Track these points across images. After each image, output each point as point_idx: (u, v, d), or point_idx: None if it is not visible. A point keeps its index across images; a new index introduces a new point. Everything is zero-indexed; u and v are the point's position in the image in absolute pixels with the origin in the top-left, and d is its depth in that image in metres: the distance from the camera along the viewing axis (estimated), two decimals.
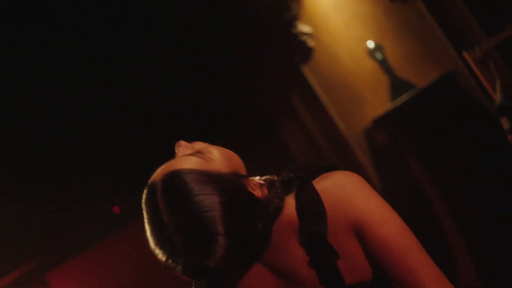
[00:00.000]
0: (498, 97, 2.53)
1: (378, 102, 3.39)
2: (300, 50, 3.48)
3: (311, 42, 3.48)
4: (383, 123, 3.23)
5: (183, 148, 1.08)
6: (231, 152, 1.10)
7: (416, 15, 3.38)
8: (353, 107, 3.43)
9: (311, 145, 3.52)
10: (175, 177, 1.00)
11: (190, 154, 1.05)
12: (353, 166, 3.27)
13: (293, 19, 3.48)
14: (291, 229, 1.02)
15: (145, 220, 1.02)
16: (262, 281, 1.05)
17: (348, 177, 1.04)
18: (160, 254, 1.00)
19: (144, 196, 1.04)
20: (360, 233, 1.00)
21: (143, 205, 1.03)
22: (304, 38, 3.48)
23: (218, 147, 1.10)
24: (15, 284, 3.56)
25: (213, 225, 0.96)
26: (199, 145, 1.10)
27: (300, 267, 1.01)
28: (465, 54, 2.64)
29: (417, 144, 3.18)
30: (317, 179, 1.05)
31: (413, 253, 1.00)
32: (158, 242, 1.00)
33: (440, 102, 3.24)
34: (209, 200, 0.97)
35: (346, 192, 1.02)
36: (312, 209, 0.99)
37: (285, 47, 3.48)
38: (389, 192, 3.16)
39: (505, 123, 2.49)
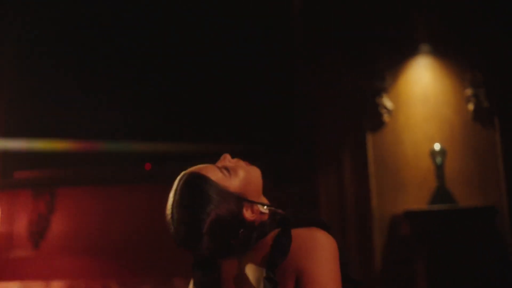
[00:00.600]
0: None
1: (416, 199, 3.52)
2: (374, 119, 3.65)
3: (386, 118, 3.65)
4: (413, 218, 3.35)
5: (223, 160, 1.37)
6: (255, 178, 1.37)
7: (489, 139, 3.52)
8: (393, 192, 3.55)
9: (339, 205, 3.65)
10: (197, 178, 1.31)
11: (221, 167, 1.34)
12: (363, 237, 3.39)
13: (382, 90, 3.66)
14: (263, 250, 1.28)
15: (171, 193, 1.33)
16: (228, 270, 1.34)
17: (321, 238, 1.27)
18: (167, 218, 1.32)
19: (178, 177, 1.34)
20: (299, 280, 1.23)
21: (174, 183, 1.33)
22: (383, 110, 3.65)
23: (248, 170, 1.36)
24: (31, 180, 3.76)
25: (202, 225, 1.28)
26: (235, 162, 1.37)
27: (250, 276, 1.29)
28: None
29: (429, 252, 3.27)
30: (302, 228, 1.29)
31: None
32: (169, 213, 1.32)
33: (469, 228, 3.34)
34: (208, 207, 1.29)
35: (311, 247, 1.25)
36: (281, 246, 1.25)
37: (362, 110, 3.65)
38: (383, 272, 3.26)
39: None
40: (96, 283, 3.66)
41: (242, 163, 1.38)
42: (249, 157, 1.45)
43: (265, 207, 1.35)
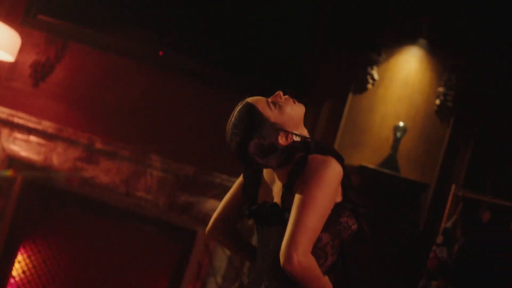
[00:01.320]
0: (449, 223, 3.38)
1: (370, 160, 4.20)
2: (359, 84, 4.26)
3: (369, 86, 4.27)
4: (364, 172, 4.04)
5: (275, 96, 1.82)
6: (296, 114, 1.82)
7: (441, 132, 4.22)
8: (353, 148, 4.21)
9: None
10: (249, 106, 1.77)
11: (271, 102, 1.79)
12: None
13: (374, 62, 4.26)
14: (290, 166, 1.76)
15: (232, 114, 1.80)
16: (268, 176, 1.86)
17: (331, 164, 1.70)
18: (226, 132, 1.80)
19: (239, 103, 1.81)
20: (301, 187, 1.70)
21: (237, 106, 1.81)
22: (369, 80, 4.27)
23: (293, 107, 1.81)
24: (51, 25, 4.06)
25: (247, 145, 1.75)
26: (284, 99, 1.82)
27: (278, 179, 1.80)
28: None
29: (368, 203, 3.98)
30: (321, 154, 1.76)
31: (301, 221, 1.63)
32: (227, 130, 1.79)
33: (402, 195, 4.09)
34: (252, 133, 1.75)
35: (320, 168, 1.69)
36: (298, 165, 1.74)
37: (353, 74, 4.25)
38: None
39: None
40: (82, 134, 4.08)
41: (290, 101, 1.83)
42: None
43: (297, 136, 1.80)
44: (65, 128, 4.06)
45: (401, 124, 4.17)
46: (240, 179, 1.96)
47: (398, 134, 4.16)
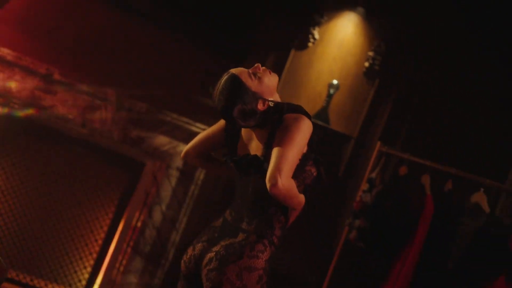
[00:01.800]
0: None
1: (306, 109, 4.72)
2: (301, 41, 4.73)
3: (310, 45, 4.76)
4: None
5: (255, 68, 2.18)
6: (272, 83, 2.19)
7: (362, 93, 4.82)
8: (291, 99, 4.71)
9: None
10: (234, 77, 2.14)
11: (252, 73, 2.16)
12: None
13: (317, 23, 4.73)
14: (269, 126, 2.18)
15: (219, 82, 2.18)
16: (246, 134, 2.28)
17: (303, 120, 2.11)
18: (214, 96, 2.19)
19: (225, 73, 2.18)
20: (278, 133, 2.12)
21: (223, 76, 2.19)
22: (310, 39, 4.74)
23: (269, 78, 2.19)
24: None
25: (232, 110, 2.15)
26: (262, 70, 2.18)
27: (256, 137, 2.23)
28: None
29: None
30: (293, 113, 2.22)
31: (283, 155, 2.04)
32: (215, 95, 2.19)
33: (330, 145, 4.69)
34: (236, 100, 2.12)
35: (293, 122, 2.10)
36: (275, 123, 2.15)
37: (298, 32, 4.70)
38: None
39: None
40: (41, 64, 4.25)
41: (267, 72, 2.20)
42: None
43: (272, 102, 2.18)
44: (24, 57, 4.20)
45: (335, 82, 4.71)
46: (221, 122, 2.40)
47: (332, 91, 4.71)
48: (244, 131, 2.32)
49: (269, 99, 2.19)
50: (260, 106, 2.17)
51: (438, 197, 3.72)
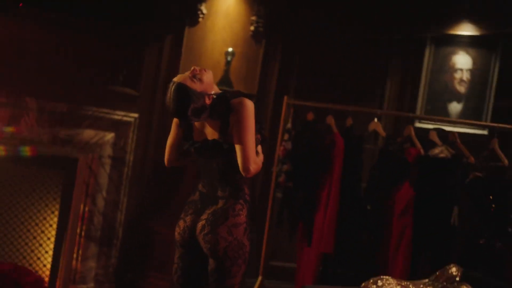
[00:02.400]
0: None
1: None
2: (192, 18, 5.20)
3: (200, 20, 5.24)
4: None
5: (193, 71, 2.55)
6: (210, 79, 2.59)
7: (257, 51, 5.44)
8: None
9: (155, 73, 5.13)
10: (180, 85, 2.50)
11: (192, 77, 2.53)
12: None
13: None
14: (218, 113, 2.59)
15: (168, 91, 2.55)
16: (198, 124, 2.69)
17: (246, 102, 2.54)
18: (167, 103, 2.58)
19: (170, 84, 2.55)
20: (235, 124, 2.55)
21: (169, 86, 2.56)
22: (200, 14, 5.23)
23: (207, 76, 2.57)
24: None
25: (186, 109, 2.51)
26: (200, 71, 2.55)
27: (209, 125, 2.65)
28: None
29: None
30: (236, 98, 2.73)
31: (245, 144, 2.54)
32: (168, 101, 2.56)
33: None
34: (188, 102, 2.49)
35: (241, 107, 2.53)
36: (223, 111, 2.57)
37: (188, 10, 5.15)
38: None
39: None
40: None
41: (203, 71, 2.57)
42: None
43: (215, 95, 2.60)
44: None
45: (230, 49, 5.28)
46: (174, 121, 2.84)
47: (229, 58, 5.27)
48: (196, 123, 2.75)
49: (212, 92, 2.64)
50: (207, 101, 2.57)
51: (343, 132, 4.50)
